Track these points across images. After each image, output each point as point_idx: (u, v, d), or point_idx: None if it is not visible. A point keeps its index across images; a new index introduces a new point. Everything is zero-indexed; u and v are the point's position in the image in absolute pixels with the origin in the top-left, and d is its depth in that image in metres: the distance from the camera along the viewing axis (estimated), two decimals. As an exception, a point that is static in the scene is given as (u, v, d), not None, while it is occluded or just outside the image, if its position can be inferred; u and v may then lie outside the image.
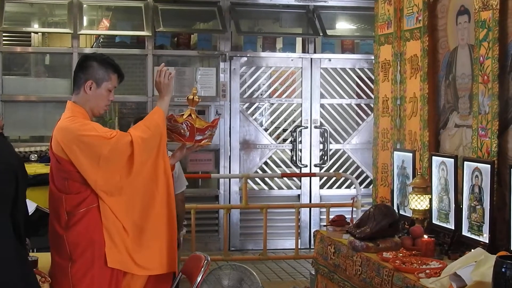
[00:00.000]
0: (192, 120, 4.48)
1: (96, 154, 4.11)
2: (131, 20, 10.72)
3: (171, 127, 4.46)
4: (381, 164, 6.18)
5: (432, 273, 4.07)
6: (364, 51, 11.18)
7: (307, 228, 10.61)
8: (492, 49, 4.55)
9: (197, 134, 4.48)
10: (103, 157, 4.11)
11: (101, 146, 4.12)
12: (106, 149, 4.12)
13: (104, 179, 4.14)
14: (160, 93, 4.48)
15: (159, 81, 4.47)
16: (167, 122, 4.45)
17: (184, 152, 4.64)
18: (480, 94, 4.68)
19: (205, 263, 4.46)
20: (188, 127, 4.45)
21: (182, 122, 4.46)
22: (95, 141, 4.12)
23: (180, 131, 4.46)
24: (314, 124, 10.81)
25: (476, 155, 4.70)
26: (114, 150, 4.14)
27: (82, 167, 4.13)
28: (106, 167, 4.13)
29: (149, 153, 4.24)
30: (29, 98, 10.04)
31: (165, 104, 4.44)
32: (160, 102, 4.45)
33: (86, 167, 4.13)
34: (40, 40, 12.91)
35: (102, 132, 4.17)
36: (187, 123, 4.46)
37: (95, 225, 4.17)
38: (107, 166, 4.13)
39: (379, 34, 6.25)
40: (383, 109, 6.16)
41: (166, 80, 4.46)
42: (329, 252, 5.32)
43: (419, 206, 5.09)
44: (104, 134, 4.15)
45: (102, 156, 4.11)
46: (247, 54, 10.77)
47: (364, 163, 10.77)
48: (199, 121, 4.52)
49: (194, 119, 4.49)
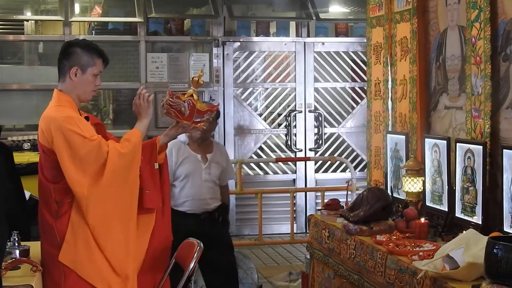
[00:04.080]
0: (194, 100, 4.46)
1: (73, 151, 4.10)
2: (123, 6, 10.69)
3: (172, 102, 4.43)
4: (375, 147, 6.18)
5: (425, 255, 4.06)
6: (358, 34, 11.17)
7: (303, 212, 10.62)
8: (484, 30, 4.53)
9: (196, 115, 4.46)
10: (78, 157, 4.10)
11: (80, 145, 4.10)
12: (84, 150, 4.10)
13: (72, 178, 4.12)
14: (139, 115, 4.43)
15: (138, 104, 4.42)
16: (169, 97, 4.42)
17: (179, 131, 4.62)
18: (473, 75, 4.66)
19: (197, 249, 4.46)
20: (189, 106, 4.43)
21: (184, 100, 4.43)
22: (75, 138, 4.10)
23: (180, 108, 4.43)
24: (308, 108, 10.80)
25: (470, 136, 4.69)
26: (90, 153, 4.12)
27: (61, 158, 4.12)
28: (80, 167, 4.12)
29: (123, 168, 4.20)
30: (23, 87, 10.02)
31: (143, 126, 4.40)
32: (139, 124, 4.41)
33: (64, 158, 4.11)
34: (33, 28, 12.86)
35: (85, 131, 4.14)
36: (189, 102, 4.43)
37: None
38: (80, 166, 4.11)
39: (371, 16, 6.23)
40: (376, 92, 6.14)
41: (145, 103, 4.42)
42: (324, 236, 5.32)
43: (413, 189, 5.09)
44: (85, 134, 4.13)
45: (77, 155, 4.10)
46: (240, 39, 10.75)
47: (359, 147, 10.78)
48: (200, 103, 4.51)
49: (195, 99, 4.48)
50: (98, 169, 4.14)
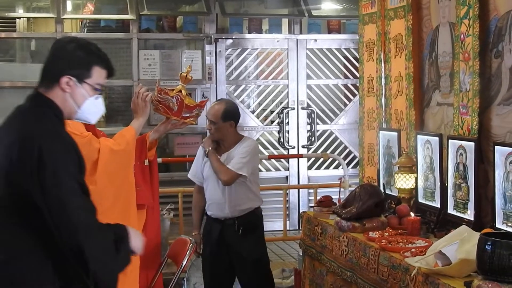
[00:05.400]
0: (182, 96, 4.46)
1: None
2: (116, 3, 10.67)
3: (161, 98, 4.43)
4: (367, 144, 6.18)
5: (417, 251, 4.07)
6: (350, 31, 11.18)
7: (296, 209, 10.63)
8: (473, 27, 4.53)
9: (185, 110, 4.47)
10: None
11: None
12: None
13: None
14: (136, 114, 4.42)
15: (136, 103, 4.42)
16: (157, 93, 4.42)
17: (168, 128, 4.61)
18: (461, 72, 4.67)
19: (190, 246, 4.47)
20: (178, 101, 4.43)
21: (172, 96, 4.43)
22: None
23: (169, 104, 4.44)
24: (301, 105, 10.80)
25: (458, 133, 4.70)
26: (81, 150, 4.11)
27: None
28: None
29: (115, 166, 4.18)
30: (15, 84, 9.99)
31: (138, 124, 4.39)
32: (134, 122, 4.40)
33: None
34: (25, 25, 12.84)
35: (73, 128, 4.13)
36: (177, 97, 4.44)
37: None
38: None
39: (363, 13, 6.23)
40: (369, 88, 6.15)
41: (143, 102, 4.41)
42: (316, 233, 5.32)
43: (405, 185, 5.09)
44: (75, 131, 4.12)
45: None
46: (233, 36, 10.74)
47: (351, 143, 10.78)
48: (188, 99, 4.51)
49: (184, 95, 4.47)
50: (90, 166, 4.13)
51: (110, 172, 4.14)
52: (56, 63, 3.20)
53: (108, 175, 4.13)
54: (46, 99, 3.14)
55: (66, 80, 3.14)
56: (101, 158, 4.13)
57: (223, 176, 5.50)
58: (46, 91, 3.15)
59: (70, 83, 3.15)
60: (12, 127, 3.09)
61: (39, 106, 3.14)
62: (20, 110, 3.17)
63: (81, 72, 3.19)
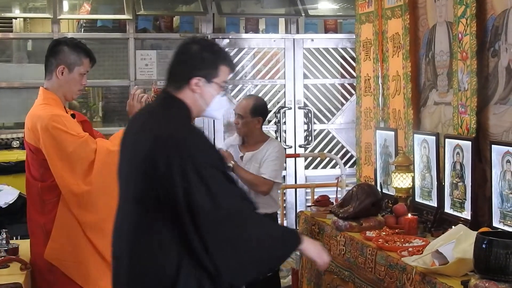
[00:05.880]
0: None
1: (60, 149, 4.08)
2: (112, 4, 10.65)
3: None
4: (365, 143, 6.18)
5: (414, 251, 4.08)
6: (347, 30, 11.16)
7: (293, 209, 10.60)
8: (470, 26, 4.54)
9: None
10: (66, 154, 4.08)
11: (67, 142, 4.09)
12: (71, 147, 4.09)
13: (60, 176, 4.11)
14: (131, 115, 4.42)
15: (131, 104, 4.41)
16: (154, 94, 4.42)
17: None
18: (459, 71, 4.67)
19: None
20: None
21: None
22: (62, 136, 4.08)
23: None
24: (298, 104, 10.79)
25: (457, 132, 4.71)
26: (78, 150, 4.11)
27: (49, 156, 4.10)
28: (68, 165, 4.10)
29: (113, 166, 4.17)
30: (12, 85, 9.95)
31: None
32: None
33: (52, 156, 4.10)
34: (22, 25, 12.81)
35: (71, 129, 4.13)
36: None
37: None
38: (68, 164, 4.10)
39: (360, 13, 6.23)
40: (366, 88, 6.15)
41: (138, 104, 4.41)
42: (314, 232, 5.33)
43: (402, 184, 5.10)
44: (72, 131, 4.11)
45: (65, 153, 4.08)
46: (229, 36, 10.72)
47: (349, 143, 10.77)
48: None
49: None
50: (86, 167, 4.13)
51: (107, 172, 4.13)
52: (183, 65, 3.38)
53: (104, 176, 4.12)
54: (177, 100, 3.30)
55: (196, 81, 3.31)
56: (97, 159, 4.12)
57: (262, 188, 5.56)
58: (176, 92, 3.31)
59: (199, 83, 3.32)
60: (146, 129, 3.24)
61: (170, 107, 3.29)
62: (151, 112, 3.37)
63: (209, 72, 3.35)
